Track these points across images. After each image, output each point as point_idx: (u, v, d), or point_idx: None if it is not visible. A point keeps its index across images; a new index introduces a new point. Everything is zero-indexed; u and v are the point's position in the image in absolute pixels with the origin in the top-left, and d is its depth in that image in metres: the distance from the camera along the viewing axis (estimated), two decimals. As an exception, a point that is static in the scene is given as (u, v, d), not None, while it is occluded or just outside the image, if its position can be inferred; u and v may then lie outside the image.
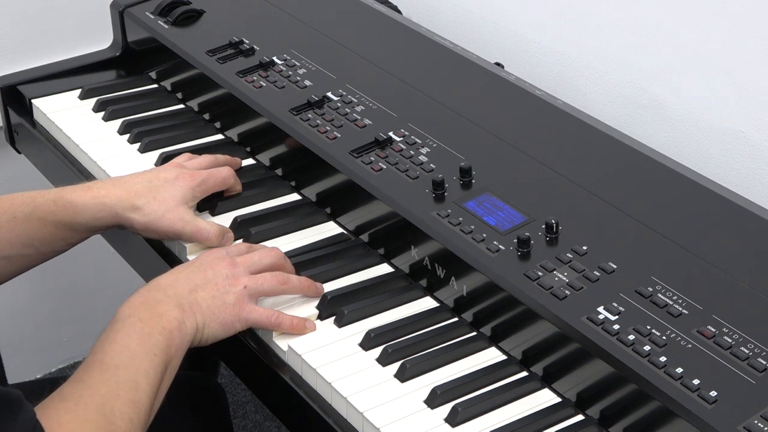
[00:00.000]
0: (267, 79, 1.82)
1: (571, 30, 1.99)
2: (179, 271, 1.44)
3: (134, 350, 1.30)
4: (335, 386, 1.35)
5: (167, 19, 2.00)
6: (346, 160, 1.62)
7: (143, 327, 1.32)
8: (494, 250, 1.43)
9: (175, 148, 1.80)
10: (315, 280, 1.50)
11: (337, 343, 1.42)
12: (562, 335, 1.32)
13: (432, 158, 1.60)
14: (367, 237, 1.59)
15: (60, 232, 1.54)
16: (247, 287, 1.43)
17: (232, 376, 2.63)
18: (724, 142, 1.79)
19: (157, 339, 1.32)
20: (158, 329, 1.33)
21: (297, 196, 1.70)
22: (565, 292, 1.36)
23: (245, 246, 1.52)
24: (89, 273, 2.73)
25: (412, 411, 1.32)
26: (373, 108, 1.72)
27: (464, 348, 1.41)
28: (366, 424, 1.31)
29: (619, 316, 1.32)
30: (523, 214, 1.48)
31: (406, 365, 1.36)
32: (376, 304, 1.47)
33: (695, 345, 1.27)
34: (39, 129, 1.94)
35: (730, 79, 1.76)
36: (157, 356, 1.31)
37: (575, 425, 1.31)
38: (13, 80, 2.00)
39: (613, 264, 1.39)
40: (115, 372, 1.27)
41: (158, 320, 1.34)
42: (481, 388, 1.35)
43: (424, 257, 1.49)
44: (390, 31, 1.93)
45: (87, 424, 1.21)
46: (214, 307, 1.40)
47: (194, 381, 1.78)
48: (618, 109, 1.94)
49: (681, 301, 1.33)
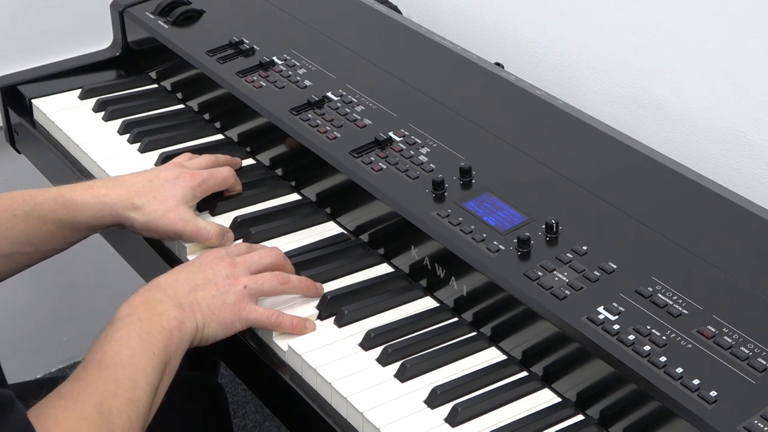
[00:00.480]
0: (267, 79, 1.82)
1: (571, 30, 1.99)
2: (179, 271, 1.44)
3: (133, 349, 1.30)
4: (335, 386, 1.35)
5: (167, 19, 2.00)
6: (346, 160, 1.62)
7: (143, 326, 1.32)
8: (494, 250, 1.43)
9: (175, 148, 1.80)
10: (315, 280, 1.50)
11: (337, 343, 1.42)
12: (562, 335, 1.32)
13: (432, 158, 1.60)
14: (367, 237, 1.59)
15: (60, 231, 1.54)
16: (247, 287, 1.43)
17: (232, 376, 2.63)
18: (724, 142, 1.79)
19: (157, 338, 1.32)
20: (158, 328, 1.33)
21: (297, 196, 1.70)
22: (565, 292, 1.36)
23: (245, 246, 1.52)
24: (89, 273, 2.73)
25: (412, 411, 1.32)
26: (373, 108, 1.72)
27: (464, 348, 1.41)
28: (366, 424, 1.31)
29: (619, 316, 1.32)
30: (523, 214, 1.48)
31: (406, 365, 1.36)
32: (376, 304, 1.47)
33: (695, 345, 1.27)
34: (39, 129, 1.94)
35: (730, 79, 1.76)
36: (156, 355, 1.31)
37: (575, 425, 1.31)
38: (13, 80, 2.00)
39: (613, 264, 1.39)
40: (114, 370, 1.27)
41: (158, 319, 1.34)
42: (481, 388, 1.35)
43: (424, 257, 1.49)
44: (390, 31, 1.93)
45: (84, 422, 1.20)
46: (214, 306, 1.40)
47: (194, 381, 1.78)
48: (618, 109, 1.94)
49: (681, 301, 1.33)
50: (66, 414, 1.21)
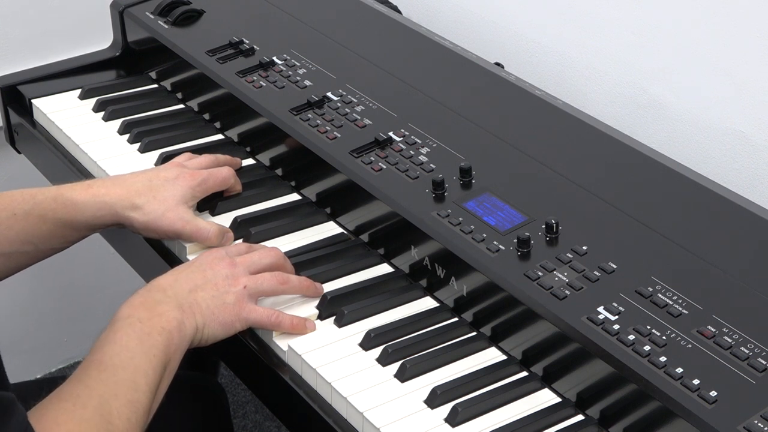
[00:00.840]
0: (267, 79, 1.82)
1: (571, 30, 1.99)
2: (179, 271, 1.44)
3: (133, 350, 1.29)
4: (335, 386, 1.35)
5: (167, 19, 2.00)
6: (346, 160, 1.62)
7: (142, 327, 1.32)
8: (494, 250, 1.43)
9: (175, 148, 1.80)
10: (315, 280, 1.50)
11: (337, 343, 1.42)
12: (562, 335, 1.32)
13: (432, 158, 1.60)
14: (367, 237, 1.59)
15: (59, 230, 1.54)
16: (247, 287, 1.43)
17: (232, 376, 2.63)
18: (724, 142, 1.79)
19: (156, 339, 1.32)
20: (157, 329, 1.33)
21: (297, 196, 1.70)
22: (565, 292, 1.36)
23: (245, 246, 1.52)
24: (89, 272, 2.73)
25: (412, 411, 1.32)
26: (373, 108, 1.72)
27: (464, 348, 1.41)
28: (366, 424, 1.31)
29: (619, 316, 1.32)
30: (523, 214, 1.48)
31: (406, 365, 1.36)
32: (376, 304, 1.47)
33: (695, 345, 1.27)
34: (39, 129, 1.94)
35: (730, 79, 1.76)
36: (156, 356, 1.31)
37: (575, 425, 1.31)
38: (13, 80, 2.00)
39: (613, 264, 1.39)
40: (114, 372, 1.27)
41: (158, 320, 1.34)
42: (481, 388, 1.35)
43: (424, 257, 1.49)
44: (390, 31, 1.93)
45: (85, 424, 1.20)
46: (213, 307, 1.40)
47: (194, 381, 1.78)
48: (618, 109, 1.94)
49: (681, 301, 1.33)
50: (66, 416, 1.21)
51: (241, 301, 1.42)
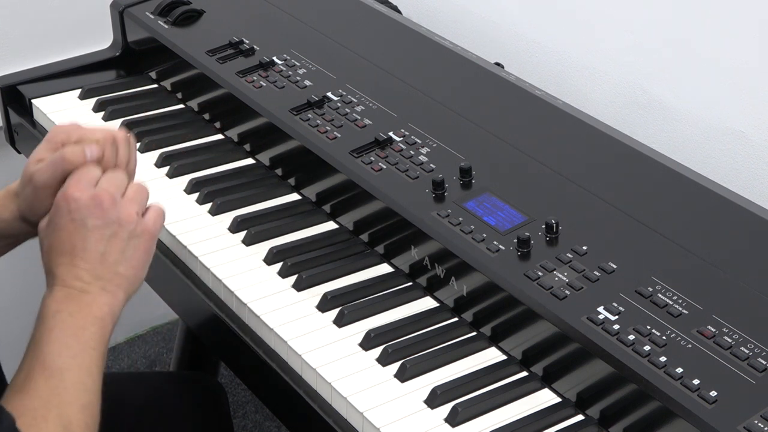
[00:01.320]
0: (267, 79, 1.82)
1: (571, 30, 1.99)
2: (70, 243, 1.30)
3: (72, 348, 1.25)
4: (335, 386, 1.35)
5: (167, 19, 2.00)
6: (346, 160, 1.62)
7: (75, 321, 1.26)
8: (494, 250, 1.43)
9: (175, 148, 1.80)
10: (315, 280, 1.50)
11: (337, 343, 1.42)
12: (562, 335, 1.32)
13: (432, 158, 1.60)
14: (367, 237, 1.59)
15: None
16: (137, 212, 1.32)
17: (232, 376, 2.63)
18: (724, 142, 1.79)
19: (92, 331, 1.27)
20: (90, 320, 1.27)
21: (297, 196, 1.70)
22: (565, 292, 1.36)
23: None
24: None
25: (412, 411, 1.32)
26: (373, 108, 1.72)
27: (464, 348, 1.41)
28: (366, 424, 1.31)
29: (619, 316, 1.32)
30: (523, 214, 1.48)
31: (406, 365, 1.36)
32: (376, 304, 1.47)
33: (695, 345, 1.27)
34: (39, 129, 1.94)
35: (730, 79, 1.76)
36: (95, 350, 1.26)
37: (575, 425, 1.31)
38: (13, 80, 2.00)
39: (613, 264, 1.39)
40: (61, 377, 1.22)
41: (88, 310, 1.27)
42: (481, 388, 1.35)
43: (424, 257, 1.49)
44: (390, 31, 1.93)
45: None
46: (131, 259, 1.31)
47: (194, 381, 1.78)
48: (618, 109, 1.94)
49: (681, 301, 1.33)
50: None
51: (142, 227, 1.32)
